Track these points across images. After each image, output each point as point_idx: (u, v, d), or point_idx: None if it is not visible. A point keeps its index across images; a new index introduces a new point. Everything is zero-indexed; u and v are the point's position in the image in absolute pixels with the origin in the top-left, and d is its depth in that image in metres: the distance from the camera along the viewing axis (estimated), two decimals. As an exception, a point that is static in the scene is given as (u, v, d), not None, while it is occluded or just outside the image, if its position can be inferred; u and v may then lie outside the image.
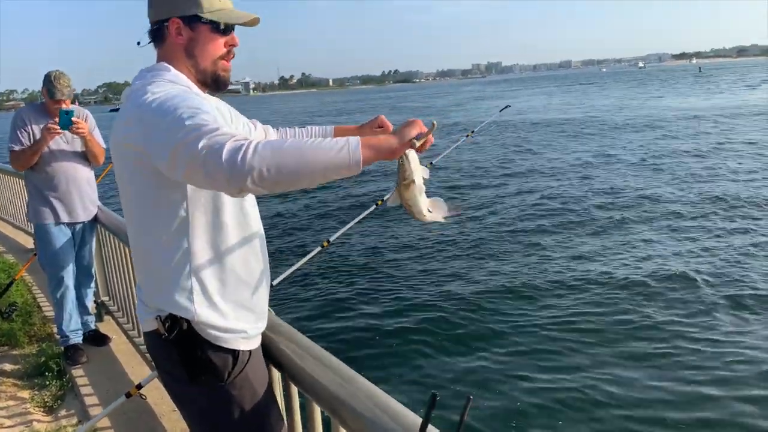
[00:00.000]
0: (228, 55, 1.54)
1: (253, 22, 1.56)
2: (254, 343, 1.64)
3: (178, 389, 1.63)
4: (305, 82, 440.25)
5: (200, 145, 1.18)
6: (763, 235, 9.22)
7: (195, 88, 1.52)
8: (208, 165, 1.18)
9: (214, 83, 1.53)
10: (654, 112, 32.81)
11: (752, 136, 20.31)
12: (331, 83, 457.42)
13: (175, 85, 1.44)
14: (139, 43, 1.56)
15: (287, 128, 1.95)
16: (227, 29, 1.51)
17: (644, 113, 32.31)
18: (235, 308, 1.56)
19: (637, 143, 20.58)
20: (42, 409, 3.43)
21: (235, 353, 1.55)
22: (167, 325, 1.51)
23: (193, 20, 1.48)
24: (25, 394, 3.60)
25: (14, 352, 4.23)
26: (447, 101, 69.12)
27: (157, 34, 1.53)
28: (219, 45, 1.50)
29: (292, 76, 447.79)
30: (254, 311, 1.62)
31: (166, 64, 1.51)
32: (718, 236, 9.34)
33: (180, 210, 1.46)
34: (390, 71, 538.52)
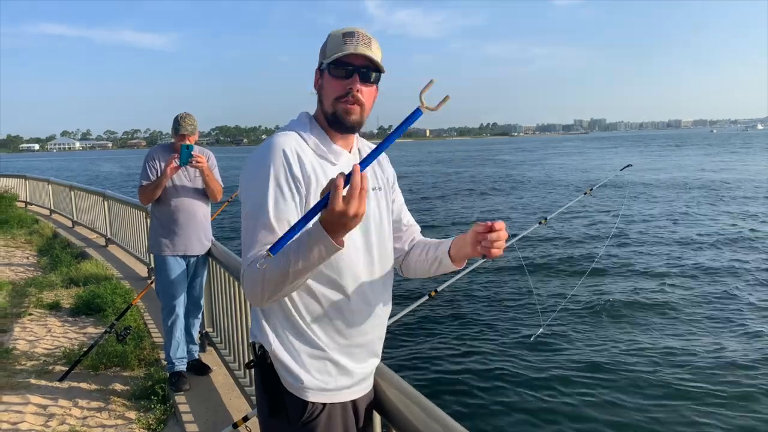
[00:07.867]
0: (347, 97, 1.57)
1: (356, 58, 1.54)
2: (333, 398, 1.60)
3: (261, 420, 1.69)
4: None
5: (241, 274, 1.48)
6: None
7: (312, 135, 1.61)
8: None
9: (334, 123, 1.61)
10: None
11: None
12: (428, 134, 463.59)
13: (275, 154, 1.51)
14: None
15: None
16: (348, 73, 1.56)
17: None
18: (310, 358, 1.57)
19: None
20: (146, 431, 3.61)
21: (305, 402, 1.56)
22: (260, 353, 1.60)
23: (321, 68, 1.62)
24: (132, 414, 3.81)
25: (125, 374, 4.51)
26: (539, 156, 67.95)
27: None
28: (336, 86, 1.58)
29: (390, 126, 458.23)
30: (336, 365, 1.59)
31: (305, 114, 1.68)
32: None
33: None
34: (488, 124, 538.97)
